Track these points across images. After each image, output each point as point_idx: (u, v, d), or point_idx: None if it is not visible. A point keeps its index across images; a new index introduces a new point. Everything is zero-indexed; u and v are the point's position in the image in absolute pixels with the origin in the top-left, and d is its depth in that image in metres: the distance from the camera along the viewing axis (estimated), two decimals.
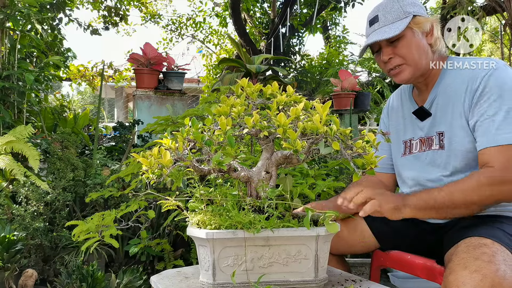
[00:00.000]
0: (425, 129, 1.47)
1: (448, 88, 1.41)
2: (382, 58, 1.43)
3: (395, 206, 1.26)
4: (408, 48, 1.38)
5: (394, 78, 1.45)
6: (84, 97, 24.23)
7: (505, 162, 1.24)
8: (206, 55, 10.33)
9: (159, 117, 2.16)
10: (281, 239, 1.12)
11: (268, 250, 1.12)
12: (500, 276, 1.04)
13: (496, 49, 12.69)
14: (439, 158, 1.41)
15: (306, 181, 1.65)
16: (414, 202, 1.28)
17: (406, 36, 1.38)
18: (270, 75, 4.01)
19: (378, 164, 1.60)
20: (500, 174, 1.23)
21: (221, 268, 1.11)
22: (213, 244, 1.10)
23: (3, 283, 1.83)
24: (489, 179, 1.24)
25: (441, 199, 1.26)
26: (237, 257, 1.11)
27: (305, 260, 1.14)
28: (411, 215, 1.29)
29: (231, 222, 1.10)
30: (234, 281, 1.09)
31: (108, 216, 1.13)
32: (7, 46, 2.90)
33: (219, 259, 1.11)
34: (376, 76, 6.73)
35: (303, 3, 8.16)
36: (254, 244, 1.11)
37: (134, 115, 3.72)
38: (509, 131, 1.25)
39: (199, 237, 1.12)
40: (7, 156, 2.17)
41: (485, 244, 1.15)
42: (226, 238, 1.10)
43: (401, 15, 1.38)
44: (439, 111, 1.42)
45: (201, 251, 1.15)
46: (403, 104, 1.59)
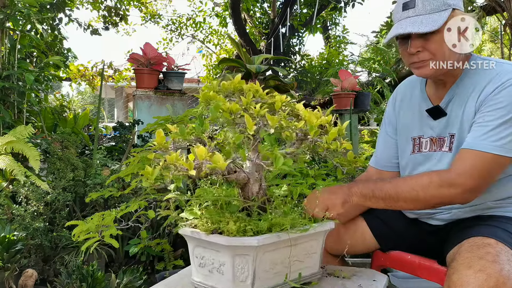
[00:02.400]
0: (437, 129, 1.40)
1: (466, 88, 1.33)
2: (409, 50, 1.30)
3: (343, 200, 1.28)
4: (441, 44, 1.27)
5: (416, 70, 1.34)
6: (84, 97, 24.21)
7: (467, 167, 1.21)
8: (206, 55, 10.34)
9: (159, 117, 2.15)
10: (307, 237, 1.14)
11: (295, 249, 1.13)
12: (505, 276, 1.04)
13: (496, 49, 12.68)
14: (446, 160, 1.37)
15: (306, 181, 1.65)
16: (360, 190, 1.29)
17: (441, 31, 1.26)
18: (270, 75, 4.00)
19: (384, 162, 1.61)
20: (454, 176, 1.21)
21: (259, 276, 1.06)
22: (256, 252, 1.03)
23: (3, 283, 1.83)
24: (441, 180, 1.22)
25: (387, 190, 1.26)
26: (273, 261, 1.09)
27: (314, 254, 1.19)
28: (358, 201, 1.30)
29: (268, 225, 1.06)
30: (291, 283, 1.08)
31: (108, 216, 1.13)
32: (7, 46, 2.90)
33: (259, 267, 1.05)
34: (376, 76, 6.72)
35: (303, 3, 8.15)
36: (288, 245, 1.10)
37: (134, 115, 3.72)
38: (492, 139, 1.21)
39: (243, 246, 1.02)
40: (8, 156, 2.17)
41: (489, 244, 1.14)
42: (271, 243, 1.05)
43: (441, 6, 1.26)
44: (454, 111, 1.35)
45: (237, 262, 1.04)
46: (412, 99, 1.50)
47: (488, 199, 1.34)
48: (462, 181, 1.20)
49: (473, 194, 1.23)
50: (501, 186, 1.33)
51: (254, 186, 1.17)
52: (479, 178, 1.21)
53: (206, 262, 1.13)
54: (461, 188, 1.21)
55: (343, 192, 1.30)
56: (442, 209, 1.40)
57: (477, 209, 1.36)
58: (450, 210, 1.39)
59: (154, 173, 0.98)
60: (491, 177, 1.24)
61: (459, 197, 1.23)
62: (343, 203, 1.28)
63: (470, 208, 1.36)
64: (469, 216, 1.37)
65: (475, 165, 1.21)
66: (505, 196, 1.34)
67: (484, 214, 1.35)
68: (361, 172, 1.74)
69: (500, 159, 1.21)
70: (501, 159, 1.21)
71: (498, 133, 1.21)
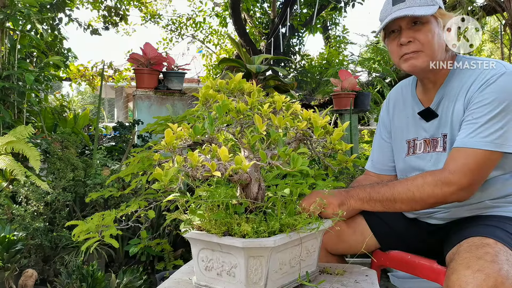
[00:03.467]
0: (430, 130, 1.44)
1: (454, 88, 1.37)
2: (401, 40, 1.34)
3: (340, 202, 1.33)
4: (430, 35, 1.32)
5: (406, 62, 1.36)
6: (84, 97, 24.22)
7: (460, 165, 1.24)
8: (206, 55, 10.34)
9: (159, 117, 2.16)
10: (310, 236, 1.15)
11: (299, 248, 1.13)
12: (503, 276, 1.04)
13: (496, 49, 12.68)
14: (442, 160, 1.38)
15: (306, 181, 1.65)
16: (358, 194, 1.35)
17: (431, 23, 1.33)
18: (270, 75, 4.00)
19: (379, 165, 1.62)
20: (447, 175, 1.24)
21: (270, 276, 1.05)
22: (270, 253, 1.02)
23: (3, 283, 1.83)
24: (435, 179, 1.25)
25: (384, 192, 1.31)
26: (281, 261, 1.09)
27: (314, 253, 1.19)
28: (356, 206, 1.35)
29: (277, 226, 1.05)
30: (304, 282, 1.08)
31: (108, 216, 1.12)
32: (7, 46, 2.90)
33: (271, 267, 1.04)
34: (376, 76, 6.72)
35: (303, 3, 8.16)
36: (294, 245, 1.10)
37: (134, 115, 3.72)
38: (482, 135, 1.24)
39: (260, 247, 1.00)
40: (8, 156, 2.17)
41: (488, 244, 1.14)
42: (285, 243, 1.05)
43: (429, 1, 1.33)
44: (445, 112, 1.39)
45: (251, 263, 1.02)
46: (405, 102, 1.55)
47: (486, 197, 1.34)
48: (456, 179, 1.23)
49: (468, 191, 1.26)
50: (499, 185, 1.33)
51: (254, 186, 1.17)
52: (472, 175, 1.23)
53: (213, 265, 1.11)
54: (456, 186, 1.23)
55: (341, 194, 1.35)
56: (440, 208, 1.41)
57: (475, 208, 1.36)
58: (449, 209, 1.40)
59: (168, 174, 0.95)
60: (484, 173, 1.27)
61: (454, 195, 1.25)
62: (340, 204, 1.32)
63: (468, 207, 1.37)
64: (468, 215, 1.38)
65: (467, 163, 1.24)
66: (503, 194, 1.35)
67: (483, 213, 1.35)
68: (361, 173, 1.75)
69: (491, 154, 1.24)
70: (493, 154, 1.24)
71: (487, 129, 1.24)
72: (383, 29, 1.40)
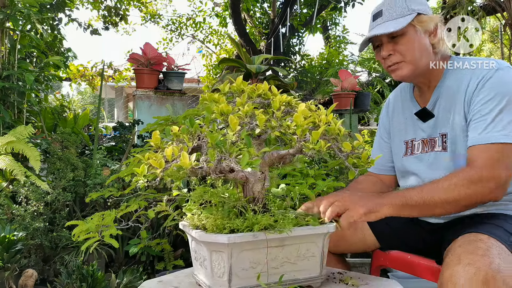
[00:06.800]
0: (428, 130, 1.45)
1: (450, 88, 1.40)
2: (382, 54, 1.41)
3: (367, 210, 1.18)
4: (409, 45, 1.36)
5: (392, 74, 1.44)
6: (84, 97, 24.22)
7: (486, 160, 1.23)
8: (206, 55, 10.33)
9: (159, 117, 2.15)
10: (296, 239, 1.13)
11: (282, 250, 1.12)
12: (494, 269, 1.04)
13: (496, 49, 12.69)
14: (442, 160, 1.40)
15: (306, 181, 1.65)
16: (391, 201, 1.23)
17: (408, 33, 1.36)
18: (270, 75, 4.00)
19: (378, 166, 1.62)
20: (478, 172, 1.23)
21: (237, 273, 1.08)
22: (231, 249, 1.06)
23: (3, 283, 1.83)
24: (467, 178, 1.23)
25: (421, 197, 1.24)
26: (253, 260, 1.10)
27: (313, 257, 1.17)
28: (389, 213, 1.22)
29: (248, 224, 1.07)
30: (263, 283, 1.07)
31: (108, 216, 1.13)
32: (7, 46, 2.90)
33: (236, 264, 1.08)
34: (376, 76, 6.73)
35: (303, 3, 8.15)
36: (270, 245, 1.10)
37: (134, 115, 3.72)
38: (497, 129, 1.25)
39: (217, 242, 1.06)
40: (8, 156, 2.17)
41: (481, 239, 1.15)
42: (247, 241, 1.07)
43: (405, 11, 1.36)
44: (441, 112, 1.41)
45: (214, 258, 1.09)
46: (403, 104, 1.58)
47: None
48: (487, 173, 1.21)
49: (503, 186, 1.23)
50: None
51: (256, 185, 1.18)
52: (500, 168, 1.22)
53: (198, 255, 1.20)
54: (493, 181, 1.21)
55: (371, 201, 1.22)
56: None
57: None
58: None
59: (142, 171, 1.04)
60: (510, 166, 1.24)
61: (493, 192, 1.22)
62: (366, 213, 1.18)
63: None
64: (467, 214, 1.38)
65: (491, 156, 1.23)
66: None
67: (482, 212, 1.35)
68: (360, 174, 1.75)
69: (510, 147, 1.23)
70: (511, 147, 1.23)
71: (498, 123, 1.25)
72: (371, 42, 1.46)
